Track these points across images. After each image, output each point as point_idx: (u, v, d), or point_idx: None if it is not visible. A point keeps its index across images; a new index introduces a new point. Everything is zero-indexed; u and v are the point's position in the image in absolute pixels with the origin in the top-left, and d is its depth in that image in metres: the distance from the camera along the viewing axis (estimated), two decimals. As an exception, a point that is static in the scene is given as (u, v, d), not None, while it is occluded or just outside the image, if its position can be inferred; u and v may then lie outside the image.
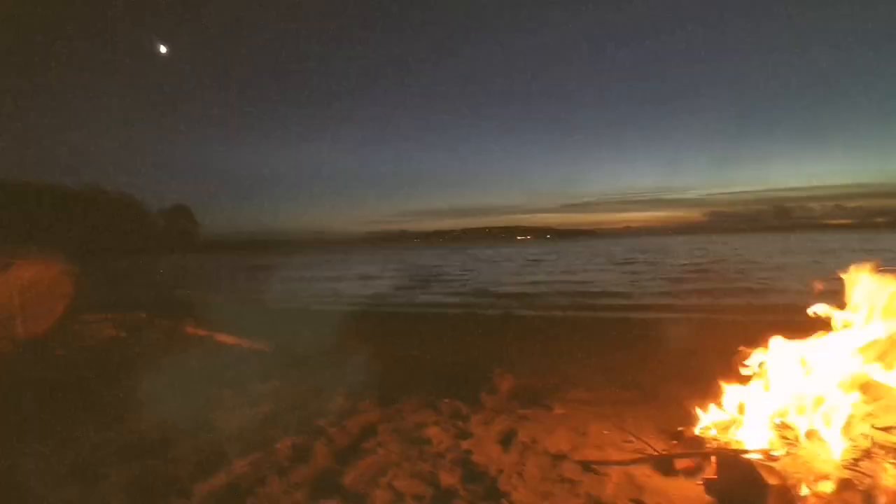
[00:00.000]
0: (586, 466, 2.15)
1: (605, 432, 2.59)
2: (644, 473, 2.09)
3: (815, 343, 2.24)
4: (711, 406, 2.40)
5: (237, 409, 3.03)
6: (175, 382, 3.74)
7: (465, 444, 2.42)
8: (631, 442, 2.44)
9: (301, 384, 3.65)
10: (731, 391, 2.36)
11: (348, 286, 18.85)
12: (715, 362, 2.64)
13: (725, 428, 2.27)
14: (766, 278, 14.67)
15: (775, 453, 2.01)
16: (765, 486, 1.73)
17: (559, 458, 2.25)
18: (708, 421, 2.36)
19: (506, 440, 2.49)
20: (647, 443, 2.35)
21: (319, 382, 3.68)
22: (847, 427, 1.98)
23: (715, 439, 2.23)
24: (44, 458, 2.32)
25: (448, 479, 2.07)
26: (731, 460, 1.93)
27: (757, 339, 2.47)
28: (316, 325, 8.38)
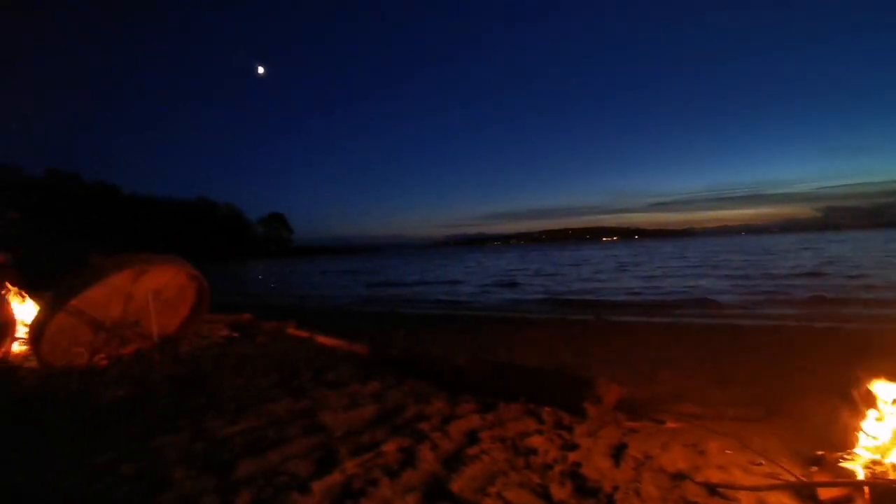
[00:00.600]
0: (712, 489, 1.97)
1: (728, 452, 2.38)
2: (781, 502, 1.88)
3: None
4: (860, 427, 2.12)
5: (342, 410, 3.14)
6: (284, 381, 3.99)
7: (572, 456, 2.33)
8: (760, 465, 2.22)
9: (399, 387, 3.73)
10: (885, 410, 2.07)
11: (433, 289, 19.15)
12: (849, 377, 2.33)
13: (879, 454, 1.99)
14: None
15: (949, 488, 1.73)
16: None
17: (678, 477, 2.10)
18: (856, 445, 2.08)
19: (616, 454, 2.36)
20: (780, 466, 2.12)
21: (416, 386, 3.75)
22: None
23: (867, 467, 1.96)
24: (180, 449, 2.55)
25: (559, 492, 1.99)
26: (894, 493, 1.69)
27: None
28: (406, 327, 8.59)
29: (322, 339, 5.75)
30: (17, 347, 4.52)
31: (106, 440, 2.72)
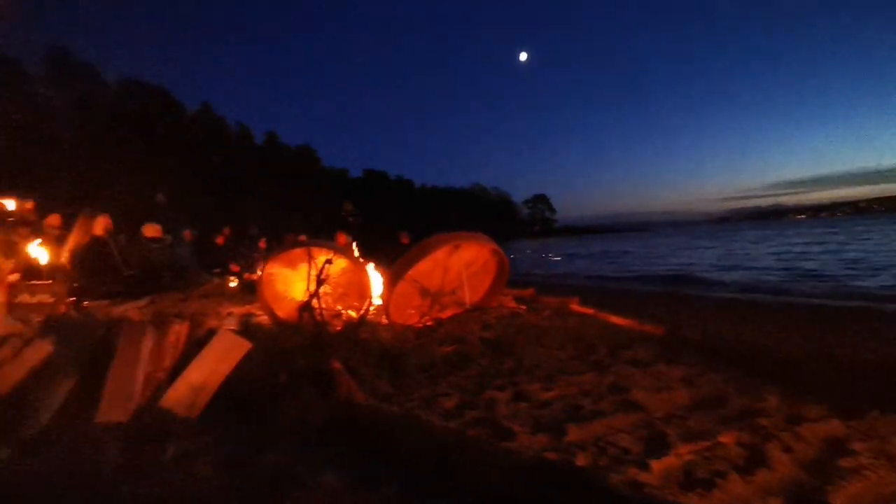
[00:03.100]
0: None
1: None
2: None
3: None
4: None
5: (653, 391, 2.99)
6: (581, 355, 4.04)
7: None
8: None
9: (710, 374, 3.35)
10: None
11: (713, 269, 16.80)
12: None
13: None
14: None
15: None
16: None
17: None
18: None
19: None
20: None
21: (731, 375, 3.31)
22: None
23: None
24: (507, 405, 2.83)
25: None
26: None
27: None
28: (692, 310, 7.79)
29: (609, 317, 5.64)
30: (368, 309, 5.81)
31: (447, 387, 3.22)
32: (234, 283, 8.56)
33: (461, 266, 4.97)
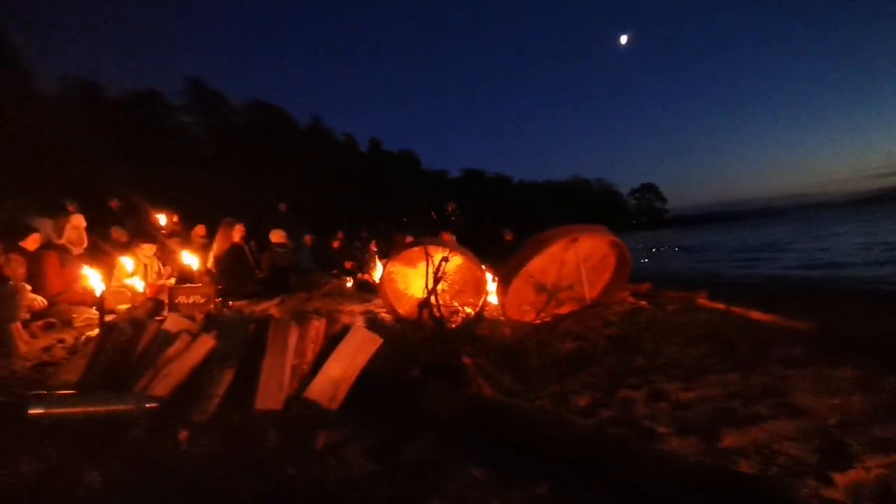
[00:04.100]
0: None
1: None
2: None
3: None
4: None
5: (820, 394, 2.64)
6: (719, 352, 3.71)
7: None
8: None
9: (881, 376, 2.89)
10: None
11: (883, 262, 14.49)
12: None
13: None
14: None
15: None
16: None
17: None
18: None
19: None
20: None
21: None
22: None
23: None
24: (645, 405, 2.67)
25: None
26: None
27: None
28: (852, 306, 6.80)
29: (746, 312, 5.12)
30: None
31: (575, 384, 3.12)
32: (350, 283, 9.08)
33: (578, 260, 4.81)
